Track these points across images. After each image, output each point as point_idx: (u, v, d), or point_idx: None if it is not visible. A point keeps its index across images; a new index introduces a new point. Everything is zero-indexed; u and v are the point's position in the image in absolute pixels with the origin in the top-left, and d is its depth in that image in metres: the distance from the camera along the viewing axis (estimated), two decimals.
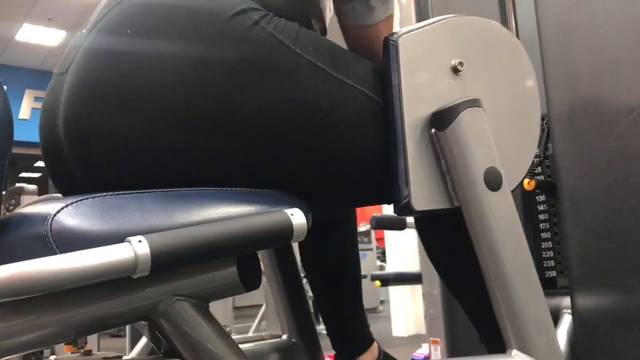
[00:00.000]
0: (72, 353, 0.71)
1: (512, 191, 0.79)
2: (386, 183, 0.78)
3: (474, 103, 0.76)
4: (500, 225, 0.75)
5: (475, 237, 0.76)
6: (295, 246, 1.16)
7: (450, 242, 0.87)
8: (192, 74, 0.67)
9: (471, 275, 0.79)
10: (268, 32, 0.70)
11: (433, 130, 0.76)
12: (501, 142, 0.79)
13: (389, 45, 0.77)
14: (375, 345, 1.23)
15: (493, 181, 0.75)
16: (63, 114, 0.71)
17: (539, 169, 1.18)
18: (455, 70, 0.78)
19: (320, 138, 0.73)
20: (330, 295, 1.20)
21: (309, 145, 0.73)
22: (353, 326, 1.21)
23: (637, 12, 0.91)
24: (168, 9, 0.70)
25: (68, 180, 0.75)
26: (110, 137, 0.68)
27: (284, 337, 1.22)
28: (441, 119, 0.76)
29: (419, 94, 0.76)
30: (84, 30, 0.76)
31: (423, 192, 0.75)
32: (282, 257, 1.18)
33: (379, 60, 0.81)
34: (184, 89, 0.67)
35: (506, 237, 0.75)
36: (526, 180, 1.12)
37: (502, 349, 0.76)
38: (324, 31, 0.91)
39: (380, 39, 0.79)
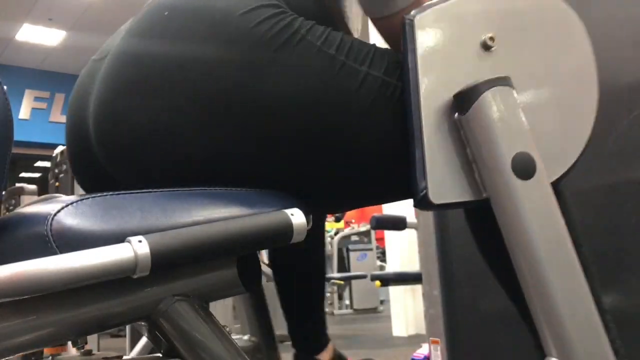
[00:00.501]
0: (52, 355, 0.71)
1: (556, 182, 0.71)
2: (405, 176, 0.73)
3: (501, 82, 0.68)
4: (533, 219, 0.67)
5: (505, 233, 0.69)
6: None
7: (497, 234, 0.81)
8: (206, 71, 0.69)
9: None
10: (280, 25, 0.70)
11: (457, 115, 0.69)
12: (542, 126, 0.70)
13: (405, 25, 0.71)
14: (331, 345, 1.28)
15: (523, 169, 0.67)
16: (97, 97, 0.74)
17: None
18: (486, 46, 0.70)
19: (332, 129, 0.71)
20: (294, 294, 1.25)
21: (322, 138, 0.71)
22: (313, 325, 1.27)
23: (637, 12, 0.91)
24: (190, 10, 0.73)
25: (92, 171, 0.78)
26: (135, 125, 0.71)
27: (245, 337, 1.26)
28: (463, 102, 0.68)
29: (439, 76, 0.69)
30: (127, 24, 0.79)
31: (443, 184, 0.68)
32: None
33: None
34: (199, 86, 0.69)
35: (541, 233, 0.67)
36: None
37: (541, 356, 0.70)
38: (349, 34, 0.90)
39: None
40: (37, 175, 8.88)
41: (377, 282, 2.76)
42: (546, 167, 0.68)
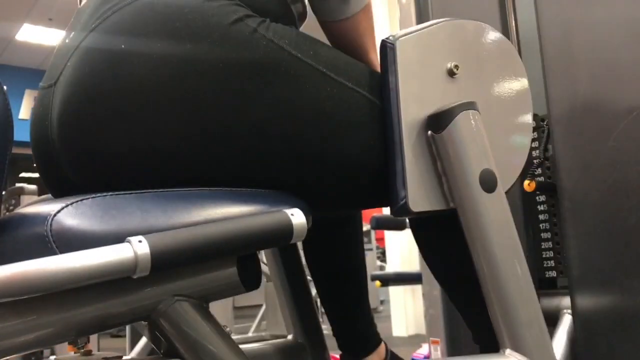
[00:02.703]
0: (74, 353, 0.71)
1: (507, 192, 0.80)
2: (384, 185, 0.78)
3: (470, 106, 0.77)
4: (495, 226, 0.76)
5: (470, 238, 0.76)
6: (300, 245, 1.16)
7: (445, 242, 0.88)
8: (194, 82, 0.67)
9: (464, 275, 0.80)
10: (268, 39, 0.70)
11: (430, 132, 0.77)
12: (495, 143, 0.79)
13: (387, 48, 0.77)
14: (382, 345, 1.20)
15: (488, 183, 0.76)
16: (57, 126, 0.70)
17: (539, 170, 1.18)
18: (451, 73, 0.79)
19: (323, 141, 0.74)
20: (335, 294, 1.19)
21: (312, 148, 0.73)
22: (359, 326, 1.19)
23: (637, 12, 0.91)
24: (165, 17, 0.69)
25: (61, 185, 0.73)
26: (111, 143, 0.68)
27: (290, 337, 1.21)
28: (438, 122, 0.76)
29: (415, 97, 0.77)
30: (72, 35, 0.74)
31: (420, 194, 0.76)
32: (287, 256, 1.18)
33: (360, 55, 0.82)
34: (187, 97, 0.67)
35: (500, 238, 0.76)
36: (527, 182, 1.12)
37: (495, 348, 0.76)
38: (304, 15, 0.90)
39: (360, 31, 0.80)
40: (37, 175, 8.86)
41: (377, 282, 2.75)
42: (500, 179, 0.77)
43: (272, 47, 0.71)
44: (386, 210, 3.94)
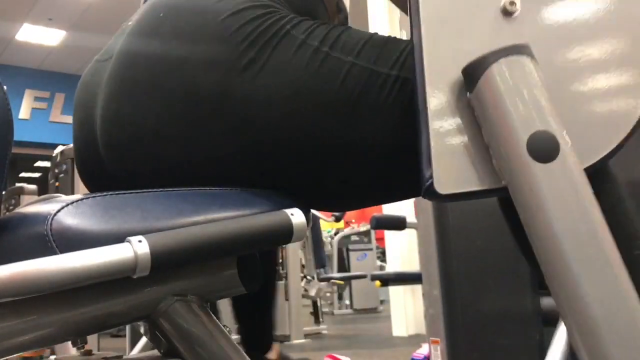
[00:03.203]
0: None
1: (591, 168, 0.60)
2: (406, 172, 0.70)
3: (514, 50, 0.59)
4: (557, 209, 0.55)
5: (525, 226, 0.58)
6: None
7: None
8: (194, 74, 0.69)
9: None
10: (264, 25, 0.69)
11: (468, 93, 0.61)
12: (576, 101, 0.61)
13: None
14: (277, 345, 1.58)
15: (542, 150, 0.56)
16: (103, 97, 0.74)
17: None
18: (506, 12, 0.62)
19: (321, 124, 0.69)
20: (249, 309, 1.48)
21: (310, 133, 0.69)
22: (266, 330, 1.53)
23: (638, 12, 0.91)
24: (182, 10, 0.73)
25: (97, 172, 0.78)
26: (139, 127, 0.71)
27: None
28: (470, 76, 0.60)
29: (447, 51, 0.62)
30: (129, 23, 0.80)
31: (451, 172, 0.60)
32: None
33: None
34: (188, 88, 0.69)
35: (567, 225, 0.55)
36: None
37: None
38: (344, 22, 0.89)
39: None
40: (37, 175, 8.88)
41: (377, 282, 2.76)
42: (579, 149, 0.58)
43: (269, 28, 0.70)
44: (386, 210, 3.94)
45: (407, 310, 4.26)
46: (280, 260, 4.07)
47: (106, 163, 0.76)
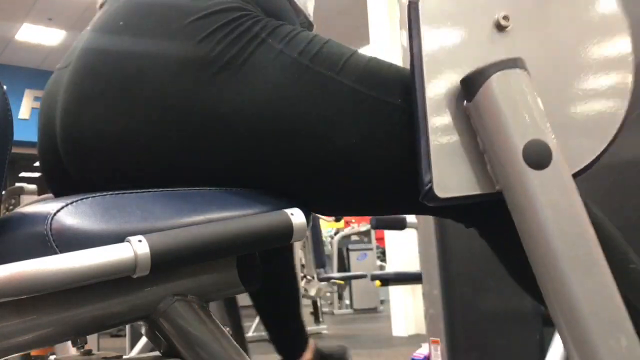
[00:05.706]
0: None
1: (578, 175, 0.64)
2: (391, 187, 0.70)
3: (510, 64, 0.62)
4: (550, 214, 0.59)
5: (519, 230, 0.62)
6: None
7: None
8: (159, 82, 0.67)
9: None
10: (236, 32, 0.68)
11: (465, 102, 0.64)
12: (564, 111, 0.65)
13: (410, 8, 0.66)
14: (312, 342, 1.49)
15: (537, 157, 0.60)
16: (61, 105, 0.72)
17: None
18: (499, 26, 0.65)
19: (299, 137, 0.67)
20: (276, 315, 1.44)
21: (285, 152, 0.68)
22: (296, 334, 1.47)
23: (638, 12, 0.91)
24: (150, 8, 0.71)
25: (61, 178, 0.75)
26: (99, 131, 0.68)
27: None
28: (468, 87, 0.63)
29: (445, 61, 0.65)
30: (88, 28, 0.77)
31: (450, 176, 0.63)
32: None
33: None
34: (166, 86, 0.67)
35: (559, 229, 0.59)
36: None
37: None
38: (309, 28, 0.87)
39: None
40: (37, 175, 8.88)
41: (377, 282, 2.75)
42: (568, 156, 0.62)
43: (245, 35, 0.68)
44: None
45: (407, 310, 4.27)
46: None
47: (68, 170, 0.73)
